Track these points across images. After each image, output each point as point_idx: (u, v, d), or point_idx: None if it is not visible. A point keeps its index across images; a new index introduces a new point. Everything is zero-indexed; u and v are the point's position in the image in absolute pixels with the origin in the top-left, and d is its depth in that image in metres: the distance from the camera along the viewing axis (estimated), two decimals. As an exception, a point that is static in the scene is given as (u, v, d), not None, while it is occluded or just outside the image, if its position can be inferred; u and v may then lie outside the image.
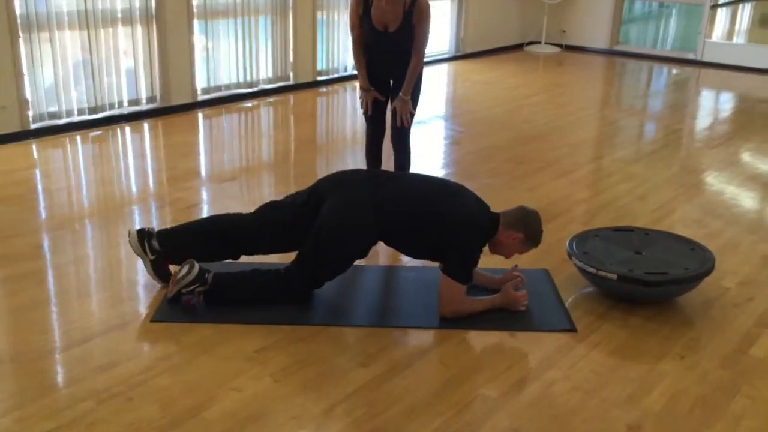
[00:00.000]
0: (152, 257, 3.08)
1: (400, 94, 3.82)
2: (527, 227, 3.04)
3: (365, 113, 4.00)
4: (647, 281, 2.98)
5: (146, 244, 3.07)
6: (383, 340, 2.83)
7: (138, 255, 3.11)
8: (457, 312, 2.96)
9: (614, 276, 3.01)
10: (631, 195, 4.51)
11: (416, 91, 3.89)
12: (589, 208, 4.31)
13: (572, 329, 2.95)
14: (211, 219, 3.32)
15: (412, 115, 3.91)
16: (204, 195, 4.39)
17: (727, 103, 7.64)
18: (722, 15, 11.19)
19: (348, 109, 6.79)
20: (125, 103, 5.71)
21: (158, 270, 3.11)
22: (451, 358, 2.74)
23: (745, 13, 13.45)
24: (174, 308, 2.99)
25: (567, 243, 3.32)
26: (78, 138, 5.24)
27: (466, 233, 2.92)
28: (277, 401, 2.45)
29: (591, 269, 3.08)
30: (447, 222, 2.95)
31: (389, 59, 3.83)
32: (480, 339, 2.89)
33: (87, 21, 5.30)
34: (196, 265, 2.96)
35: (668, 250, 3.25)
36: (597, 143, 5.83)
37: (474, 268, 3.00)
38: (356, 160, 5.28)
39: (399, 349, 2.78)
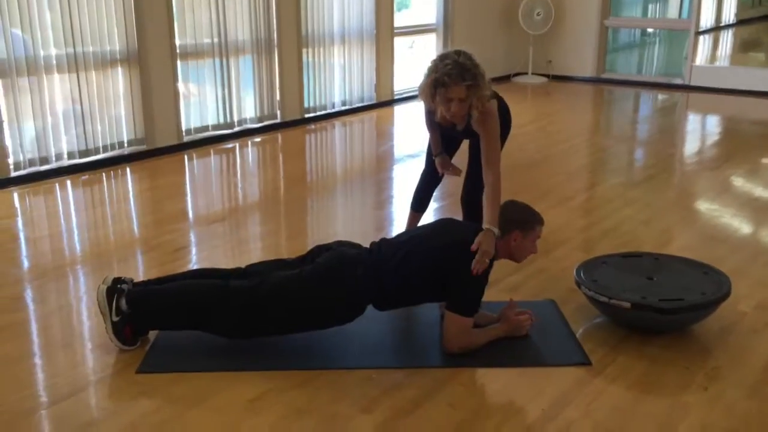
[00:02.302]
0: (116, 318, 2.79)
1: (485, 224, 2.85)
2: (513, 221, 2.88)
3: (432, 162, 3.52)
4: (663, 308, 2.82)
5: (114, 302, 2.80)
6: (385, 382, 2.65)
7: (101, 313, 2.81)
8: (464, 347, 2.79)
9: (627, 304, 2.85)
10: (633, 220, 4.37)
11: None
12: (591, 236, 4.16)
13: (586, 362, 2.77)
14: (192, 282, 2.90)
15: (490, 264, 2.81)
16: (192, 237, 4.22)
17: (718, 126, 7.57)
18: (704, 42, 11.25)
19: (337, 146, 6.67)
20: (109, 148, 5.56)
21: (119, 333, 2.80)
22: (459, 400, 2.56)
23: (726, 38, 13.58)
24: (162, 357, 2.80)
25: (574, 271, 3.16)
26: (58, 185, 5.07)
27: (466, 260, 2.75)
28: (274, 455, 2.25)
29: (602, 298, 2.92)
30: (444, 251, 2.80)
31: (456, 144, 3.50)
32: (488, 377, 2.71)
33: (69, 65, 5.17)
34: (102, 288, 2.78)
35: (681, 274, 3.10)
36: (592, 170, 5.72)
37: (481, 297, 2.83)
38: (349, 196, 5.13)
39: (403, 392, 2.59)
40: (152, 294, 2.86)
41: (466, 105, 2.97)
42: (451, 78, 2.90)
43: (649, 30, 10.81)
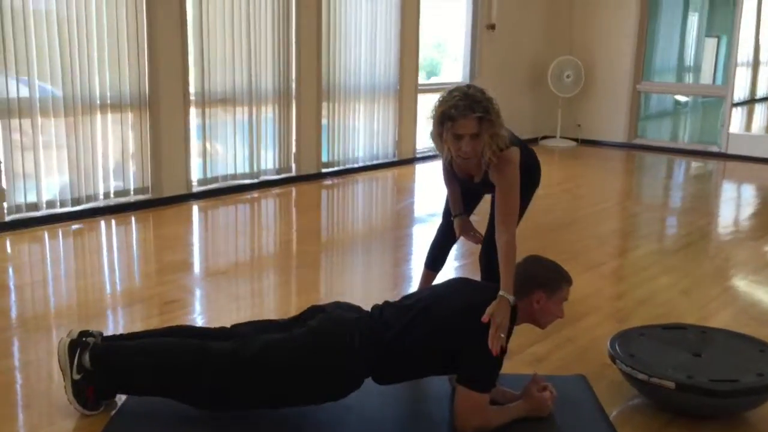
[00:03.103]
0: (77, 377, 2.43)
1: (501, 291, 2.46)
2: (535, 279, 2.49)
3: (450, 217, 3.13)
4: (715, 391, 2.39)
5: (77, 357, 2.42)
6: (384, 467, 2.24)
7: (61, 369, 2.45)
8: (479, 428, 2.37)
9: (672, 384, 2.43)
10: (672, 290, 3.95)
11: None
12: (625, 305, 3.75)
13: (623, 453, 2.34)
14: (166, 340, 2.52)
15: (509, 331, 2.46)
16: (188, 290, 3.87)
17: (756, 195, 7.15)
18: (738, 113, 10.94)
19: (354, 202, 6.35)
20: (111, 194, 5.29)
21: (79, 395, 2.44)
22: (470, 492, 2.14)
23: (761, 111, 13.25)
24: (127, 425, 2.42)
25: (608, 343, 2.75)
26: (49, 231, 4.79)
27: (481, 326, 2.36)
28: None
29: (642, 376, 2.50)
30: (457, 316, 2.42)
31: (477, 197, 3.14)
32: (507, 465, 2.29)
33: (73, 107, 4.95)
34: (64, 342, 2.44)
35: (733, 351, 2.68)
36: (624, 235, 5.32)
37: (499, 370, 2.42)
38: (364, 254, 4.78)
39: (404, 480, 2.18)
40: (119, 350, 2.50)
41: (479, 144, 2.60)
42: (459, 110, 2.54)
43: (682, 99, 10.52)
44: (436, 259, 3.26)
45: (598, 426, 2.50)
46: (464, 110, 2.54)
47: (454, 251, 3.40)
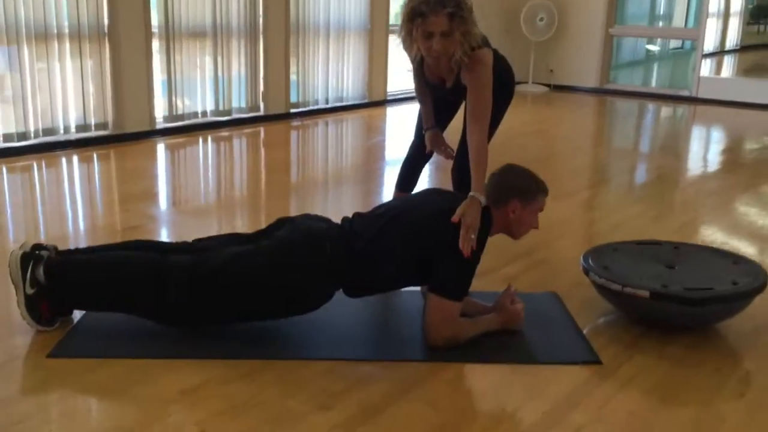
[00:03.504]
0: (30, 291, 2.30)
1: (471, 192, 2.38)
2: (512, 188, 2.41)
3: (421, 135, 3.02)
4: (690, 299, 2.34)
5: (30, 270, 2.29)
6: (350, 376, 2.16)
7: (13, 282, 2.30)
8: (450, 338, 2.30)
9: (646, 293, 2.38)
10: (644, 216, 3.91)
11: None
12: (598, 230, 3.71)
13: (596, 361, 2.29)
14: (124, 254, 2.39)
15: (483, 240, 2.36)
16: (153, 216, 3.74)
17: (726, 137, 7.13)
18: (707, 65, 10.92)
19: (322, 141, 6.22)
20: (72, 129, 5.09)
21: (33, 309, 2.31)
22: (441, 398, 2.08)
23: (730, 63, 13.25)
24: (81, 340, 2.31)
25: (581, 258, 2.69)
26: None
27: (455, 231, 2.27)
28: (201, 458, 1.76)
29: (615, 286, 2.44)
30: (429, 219, 2.33)
31: (450, 110, 3.00)
32: (477, 375, 2.23)
33: (26, 34, 4.72)
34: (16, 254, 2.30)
35: (707, 264, 2.63)
36: (597, 170, 5.26)
37: (471, 277, 2.34)
38: (334, 190, 4.67)
39: (372, 388, 2.10)
40: (75, 264, 2.37)
41: (450, 43, 2.48)
42: (430, 6, 2.43)
43: (653, 48, 10.46)
44: (406, 179, 3.14)
45: (571, 337, 2.45)
46: (435, 6, 2.42)
47: (426, 169, 3.28)
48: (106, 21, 5.14)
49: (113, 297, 2.33)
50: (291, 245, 2.33)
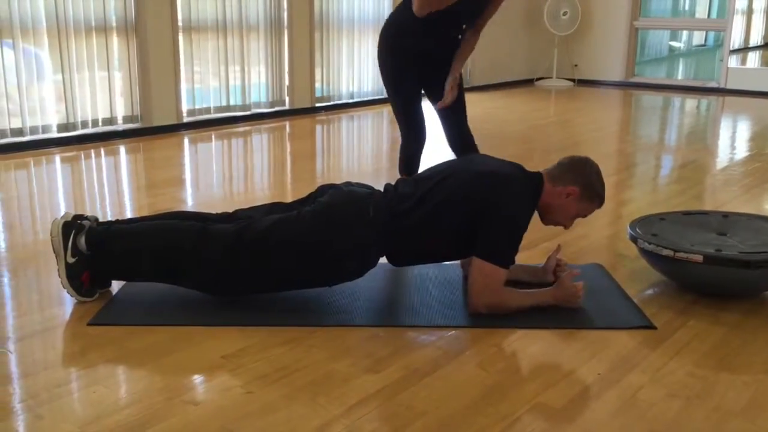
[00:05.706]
0: (71, 260, 2.28)
1: (450, 76, 2.99)
2: (581, 176, 2.35)
3: (409, 121, 3.14)
4: (747, 261, 2.26)
5: (71, 239, 2.27)
6: (397, 342, 2.11)
7: (54, 251, 2.28)
8: (494, 306, 2.24)
9: (699, 257, 2.29)
10: (685, 195, 3.83)
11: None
12: (639, 207, 3.61)
13: (650, 326, 2.21)
14: (166, 223, 2.36)
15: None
16: (183, 200, 3.71)
17: (756, 124, 7.00)
18: (732, 61, 10.81)
19: (348, 136, 6.17)
20: (100, 122, 5.10)
21: (74, 279, 2.28)
22: (491, 361, 2.01)
23: (755, 58, 13.09)
24: (121, 309, 2.28)
25: (628, 227, 2.62)
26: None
27: (503, 193, 2.22)
28: (249, 417, 1.71)
29: (667, 252, 2.36)
30: (479, 179, 2.27)
31: (447, 44, 3.03)
32: (525, 340, 2.16)
33: (57, 29, 4.73)
34: (58, 222, 2.27)
35: (759, 231, 2.54)
36: (627, 155, 5.17)
37: (518, 243, 2.28)
38: (363, 176, 4.62)
39: (419, 352, 2.04)
40: (117, 234, 2.33)
41: None
42: None
43: (677, 45, 10.35)
44: (409, 163, 3.15)
45: (622, 305, 2.37)
46: None
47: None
48: (134, 13, 5.15)
49: (156, 265, 2.28)
50: (334, 208, 2.28)
